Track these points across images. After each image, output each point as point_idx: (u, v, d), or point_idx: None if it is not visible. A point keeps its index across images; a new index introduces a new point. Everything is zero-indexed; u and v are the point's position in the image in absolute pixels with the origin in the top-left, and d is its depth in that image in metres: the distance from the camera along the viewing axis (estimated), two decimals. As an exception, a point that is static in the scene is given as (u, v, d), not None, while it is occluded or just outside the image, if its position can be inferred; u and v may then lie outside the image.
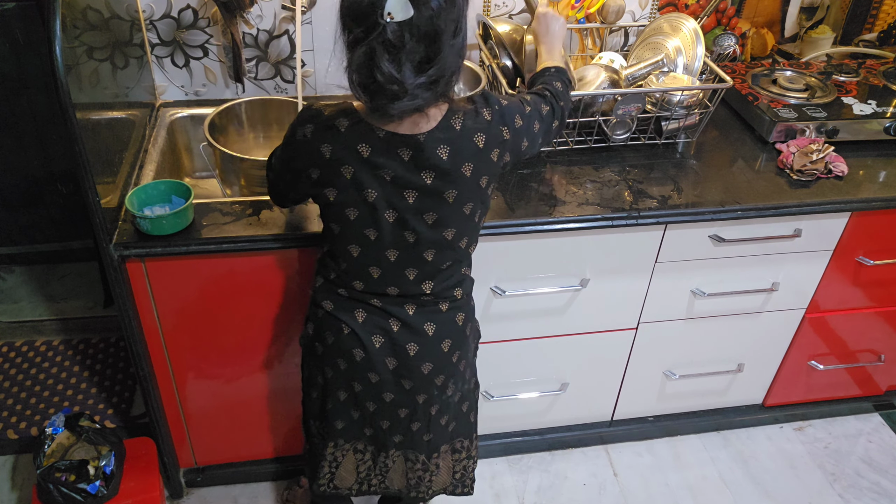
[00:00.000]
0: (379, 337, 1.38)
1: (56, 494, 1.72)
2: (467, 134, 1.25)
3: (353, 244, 1.31)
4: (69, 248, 2.66)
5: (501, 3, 2.03)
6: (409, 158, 1.22)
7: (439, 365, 1.41)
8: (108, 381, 2.27)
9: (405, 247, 1.31)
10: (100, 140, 1.49)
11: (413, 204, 1.26)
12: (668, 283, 1.87)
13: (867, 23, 2.28)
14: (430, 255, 1.32)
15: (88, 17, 1.48)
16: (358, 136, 1.21)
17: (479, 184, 1.29)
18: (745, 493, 2.15)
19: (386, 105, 1.15)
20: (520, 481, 2.14)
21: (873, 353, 2.20)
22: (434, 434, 1.51)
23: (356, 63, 1.13)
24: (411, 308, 1.37)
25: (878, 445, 2.32)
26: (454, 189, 1.26)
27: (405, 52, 1.11)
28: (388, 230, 1.28)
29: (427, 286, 1.36)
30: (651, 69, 1.91)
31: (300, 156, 1.27)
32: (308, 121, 1.24)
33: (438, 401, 1.47)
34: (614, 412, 2.17)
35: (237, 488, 2.06)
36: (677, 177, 1.82)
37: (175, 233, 1.55)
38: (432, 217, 1.28)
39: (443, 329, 1.40)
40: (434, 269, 1.35)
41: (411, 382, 1.41)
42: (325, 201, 1.29)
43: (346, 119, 1.22)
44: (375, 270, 1.33)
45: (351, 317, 1.37)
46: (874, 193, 1.81)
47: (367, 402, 1.44)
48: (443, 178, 1.24)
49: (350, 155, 1.22)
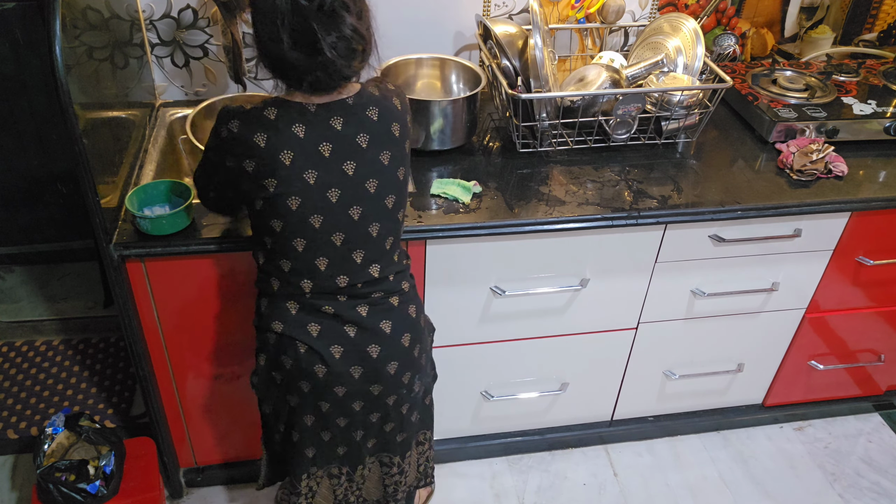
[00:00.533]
0: (338, 347, 1.35)
1: (56, 494, 1.72)
2: (387, 97, 1.32)
3: (298, 237, 1.29)
4: (69, 248, 2.66)
5: (501, 3, 2.03)
6: (342, 126, 1.26)
7: (403, 362, 1.41)
8: (108, 381, 2.27)
9: (351, 226, 1.30)
10: (100, 140, 1.49)
11: (353, 175, 1.28)
12: (668, 283, 1.87)
13: (867, 23, 2.28)
14: (375, 229, 1.33)
15: (88, 17, 1.47)
16: (290, 119, 1.23)
17: (404, 147, 1.34)
18: (745, 493, 2.15)
19: (322, 78, 1.21)
20: (520, 481, 2.14)
21: (873, 353, 2.20)
22: (407, 433, 1.52)
23: (294, 42, 1.17)
24: (364, 309, 1.36)
25: (878, 445, 2.32)
26: (388, 151, 1.30)
27: (343, 24, 1.17)
28: (333, 211, 1.28)
29: (374, 269, 1.35)
30: (651, 69, 1.91)
31: (231, 154, 1.26)
32: (233, 117, 1.24)
33: (407, 399, 1.47)
34: (614, 412, 2.17)
35: (237, 488, 2.07)
36: (677, 177, 1.82)
37: (175, 233, 1.55)
38: (374, 184, 1.30)
39: (399, 325, 1.39)
40: (379, 249, 1.35)
41: (380, 386, 1.40)
42: (264, 195, 1.25)
43: (273, 106, 1.24)
44: (322, 262, 1.31)
45: (305, 333, 1.35)
46: (874, 193, 1.81)
47: (338, 419, 1.43)
48: (376, 139, 1.29)
49: (286, 139, 1.23)
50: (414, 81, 1.99)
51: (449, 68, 1.98)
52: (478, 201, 1.69)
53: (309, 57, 1.18)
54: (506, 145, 1.91)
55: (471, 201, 1.69)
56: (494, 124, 2.01)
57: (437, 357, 1.88)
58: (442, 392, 1.96)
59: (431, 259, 1.69)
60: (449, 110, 1.78)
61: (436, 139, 1.81)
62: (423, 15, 1.99)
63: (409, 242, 1.65)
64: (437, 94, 2.00)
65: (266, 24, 1.17)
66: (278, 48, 1.18)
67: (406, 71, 1.96)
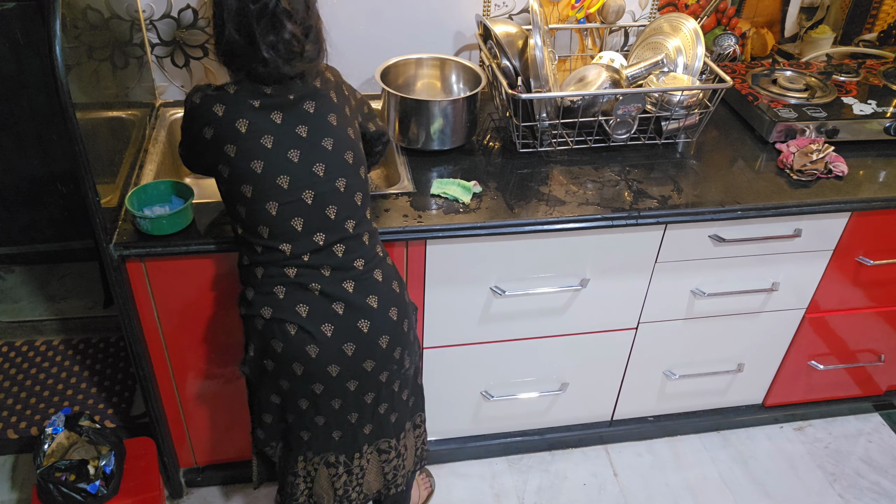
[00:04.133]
0: (328, 325, 1.38)
1: (56, 494, 1.72)
2: (333, 76, 1.46)
3: (270, 200, 1.34)
4: (69, 248, 2.66)
5: (501, 3, 2.03)
6: (294, 96, 1.37)
7: (394, 336, 1.44)
8: (108, 381, 2.27)
9: (318, 182, 1.37)
10: (100, 140, 1.49)
11: (308, 137, 1.37)
12: (668, 283, 1.87)
13: (867, 23, 2.28)
14: (342, 184, 1.39)
15: (88, 17, 1.48)
16: (247, 94, 1.35)
17: (345, 111, 1.43)
18: (745, 493, 2.15)
19: (263, 73, 1.32)
20: (520, 481, 2.14)
21: (873, 353, 2.20)
22: (399, 412, 1.54)
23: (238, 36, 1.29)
24: (350, 284, 1.39)
25: (878, 445, 2.32)
26: (333, 113, 1.40)
27: (282, 30, 1.29)
28: (297, 170, 1.35)
29: (350, 225, 1.40)
30: (651, 69, 1.91)
31: (195, 120, 1.38)
32: (198, 91, 1.38)
33: (398, 375, 1.49)
34: (614, 412, 2.17)
35: (237, 488, 2.07)
36: (677, 177, 1.82)
37: (175, 233, 1.55)
38: (330, 142, 1.38)
39: (385, 300, 1.42)
40: (350, 204, 1.40)
41: (373, 361, 1.42)
42: (227, 161, 1.34)
43: (234, 84, 1.37)
44: (298, 221, 1.36)
45: (294, 314, 1.37)
46: (874, 193, 1.81)
47: (332, 401, 1.44)
48: (321, 103, 1.39)
49: (242, 109, 1.34)
50: (414, 81, 1.99)
51: (449, 68, 1.98)
52: (478, 201, 1.70)
53: (248, 50, 1.30)
54: (506, 145, 1.91)
55: (471, 201, 1.69)
56: (494, 124, 2.01)
57: (437, 357, 1.89)
58: (442, 392, 1.96)
59: (431, 259, 1.69)
60: (449, 110, 1.78)
61: (436, 139, 1.81)
62: (423, 15, 1.99)
63: (409, 242, 1.66)
64: (437, 94, 2.00)
65: (217, 15, 1.32)
66: (221, 38, 1.31)
67: (406, 71, 1.96)
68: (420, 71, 1.98)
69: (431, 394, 1.96)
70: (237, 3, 1.28)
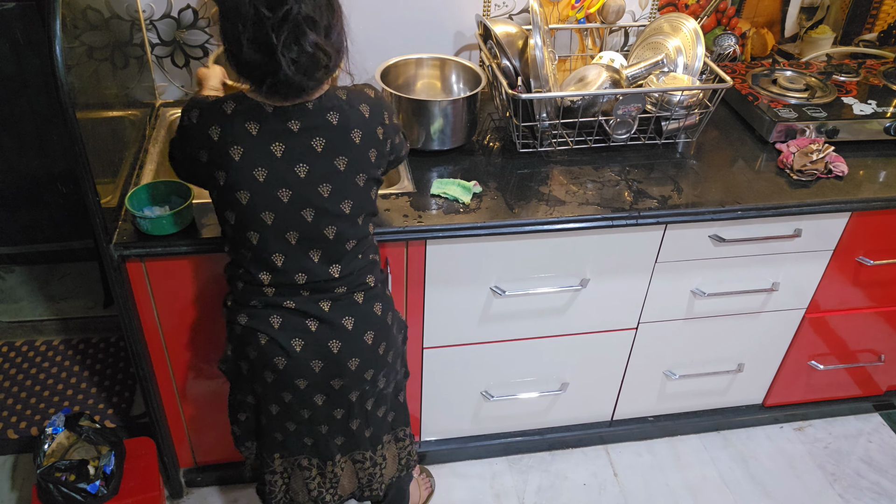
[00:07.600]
0: (299, 339, 1.35)
1: (56, 494, 1.72)
2: (354, 103, 1.30)
3: (251, 230, 1.29)
4: (69, 248, 2.66)
5: (501, 3, 2.03)
6: (298, 129, 1.25)
7: (365, 359, 1.40)
8: (108, 381, 2.27)
9: (305, 226, 1.29)
10: (100, 140, 1.49)
11: (305, 178, 1.27)
12: (668, 283, 1.87)
13: (867, 23, 2.28)
14: (332, 231, 1.31)
15: (88, 17, 1.48)
16: (245, 116, 1.25)
17: (369, 156, 1.32)
18: (745, 493, 2.15)
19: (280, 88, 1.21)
20: (520, 481, 2.14)
21: (873, 353, 2.20)
22: (374, 427, 1.52)
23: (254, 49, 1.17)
24: (326, 304, 1.36)
25: (878, 445, 2.32)
26: (344, 156, 1.28)
27: (304, 40, 1.16)
28: (285, 210, 1.28)
29: (335, 270, 1.34)
30: (651, 69, 1.91)
31: (190, 140, 1.29)
32: (195, 106, 1.28)
33: (372, 394, 1.47)
34: (614, 412, 2.17)
35: (237, 488, 2.07)
36: (677, 177, 1.82)
37: (175, 233, 1.55)
38: (327, 189, 1.28)
39: (362, 322, 1.38)
40: (339, 251, 1.33)
41: (341, 381, 1.40)
42: (216, 185, 1.29)
43: (232, 101, 1.26)
44: (278, 257, 1.31)
45: (267, 325, 1.35)
46: (874, 193, 1.81)
47: (301, 410, 1.43)
48: (333, 144, 1.27)
49: (238, 135, 1.25)
50: (414, 81, 1.99)
51: (449, 68, 1.98)
52: (478, 201, 1.69)
53: (266, 65, 1.18)
54: (506, 145, 1.91)
55: (471, 201, 1.69)
56: (494, 124, 2.01)
57: (438, 357, 1.89)
58: (442, 392, 1.97)
59: (431, 259, 1.69)
60: (449, 110, 1.78)
61: (436, 139, 1.81)
62: (423, 15, 1.99)
63: (409, 242, 1.66)
64: (437, 94, 2.00)
65: (228, 26, 1.18)
66: (238, 51, 1.19)
67: (406, 71, 1.96)
68: (420, 71, 1.98)
69: (431, 394, 1.96)
70: (252, 10, 1.14)
